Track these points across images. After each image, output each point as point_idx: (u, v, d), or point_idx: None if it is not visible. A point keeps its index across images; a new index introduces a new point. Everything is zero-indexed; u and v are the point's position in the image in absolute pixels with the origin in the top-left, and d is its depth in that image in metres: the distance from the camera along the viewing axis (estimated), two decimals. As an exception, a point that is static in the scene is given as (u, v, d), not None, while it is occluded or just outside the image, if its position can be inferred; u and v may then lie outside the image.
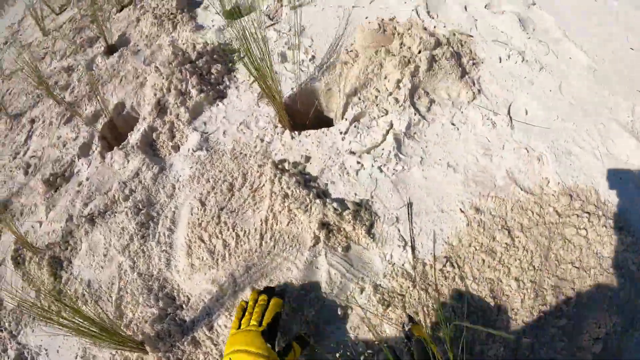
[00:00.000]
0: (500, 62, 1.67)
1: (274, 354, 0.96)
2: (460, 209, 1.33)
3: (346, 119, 1.58)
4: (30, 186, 2.14)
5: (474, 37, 1.76)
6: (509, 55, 1.66)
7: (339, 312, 1.21)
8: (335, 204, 1.33)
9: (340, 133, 1.55)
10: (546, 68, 1.60)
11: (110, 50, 2.73)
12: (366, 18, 1.98)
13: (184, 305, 1.42)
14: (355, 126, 1.54)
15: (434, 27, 1.82)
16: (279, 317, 1.08)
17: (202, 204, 1.54)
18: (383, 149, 1.49)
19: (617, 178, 1.29)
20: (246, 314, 1.08)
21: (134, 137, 1.90)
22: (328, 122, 1.88)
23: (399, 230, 1.34)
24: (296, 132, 1.60)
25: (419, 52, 1.67)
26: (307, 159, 1.52)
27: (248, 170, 1.55)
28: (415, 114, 1.54)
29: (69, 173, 2.04)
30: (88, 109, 2.28)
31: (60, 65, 2.88)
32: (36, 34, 3.40)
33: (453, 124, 1.54)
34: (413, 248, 1.29)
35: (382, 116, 1.57)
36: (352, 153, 1.50)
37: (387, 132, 1.50)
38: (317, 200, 1.33)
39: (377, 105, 1.60)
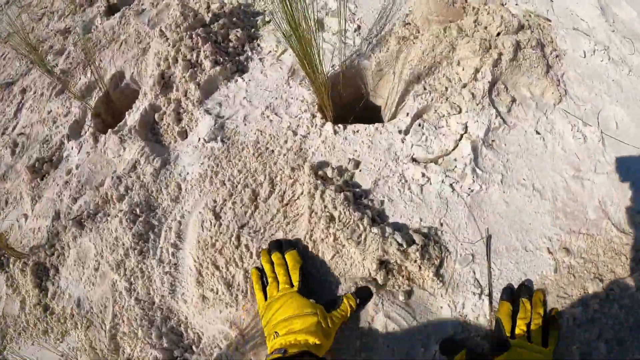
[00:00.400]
0: (584, 57, 1.26)
1: (321, 308, 0.88)
2: (548, 249, 0.99)
3: (407, 114, 1.15)
4: (16, 170, 1.82)
5: (552, 22, 1.30)
6: (593, 49, 1.26)
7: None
8: (398, 236, 0.94)
9: (400, 132, 1.13)
10: (634, 71, 1.21)
11: (111, 9, 2.31)
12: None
13: (193, 347, 1.10)
14: (420, 125, 1.12)
15: (505, 3, 1.34)
16: (304, 268, 0.98)
17: (217, 217, 1.16)
18: (456, 160, 1.08)
19: None
20: (269, 280, 0.97)
21: (133, 117, 1.51)
22: (374, 110, 1.45)
23: (473, 273, 0.97)
24: (340, 126, 1.18)
25: (498, 34, 1.22)
26: (356, 164, 1.12)
27: (277, 174, 1.16)
28: (495, 116, 1.11)
29: (57, 158, 1.69)
30: (82, 80, 1.89)
31: (57, 26, 2.48)
32: (36, -9, 2.97)
33: (538, 132, 1.14)
34: (491, 300, 0.95)
35: (455, 114, 1.14)
36: (415, 161, 1.09)
37: (461, 137, 1.09)
38: (374, 230, 0.94)
39: (447, 99, 1.17)
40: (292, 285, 0.94)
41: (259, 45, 1.53)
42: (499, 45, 1.18)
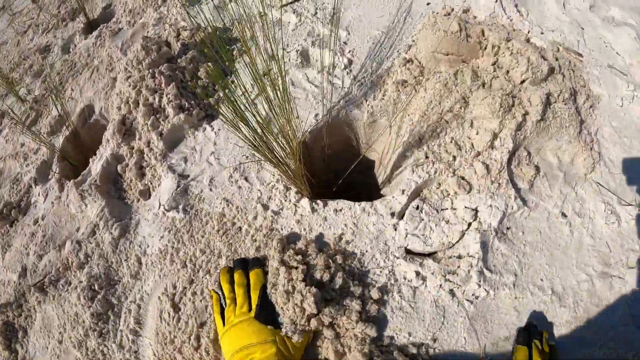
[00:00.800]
0: (621, 105, 1.01)
1: (279, 333, 0.80)
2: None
3: (403, 191, 0.93)
4: (-11, 210, 1.70)
5: (584, 58, 1.03)
6: (632, 95, 0.99)
7: None
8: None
9: (393, 216, 0.93)
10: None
11: (91, 26, 2.12)
12: (428, 4, 1.22)
13: None
14: (418, 208, 0.91)
15: (528, 32, 1.07)
16: (266, 289, 0.87)
17: (175, 308, 1.01)
18: (459, 257, 0.86)
19: None
20: (227, 302, 0.88)
21: (95, 168, 1.35)
22: (367, 166, 1.23)
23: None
24: (319, 203, 0.98)
25: (523, 82, 0.96)
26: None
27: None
28: (514, 197, 0.89)
29: (25, 203, 1.57)
30: (53, 112, 1.73)
31: (39, 42, 2.32)
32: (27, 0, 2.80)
33: (564, 215, 0.92)
34: None
35: (463, 195, 0.91)
36: (410, 254, 0.88)
37: (469, 226, 0.87)
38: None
39: (454, 172, 0.94)
40: (250, 309, 0.84)
41: (232, 82, 1.32)
42: (524, 100, 0.93)
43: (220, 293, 0.91)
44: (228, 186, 1.09)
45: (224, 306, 0.89)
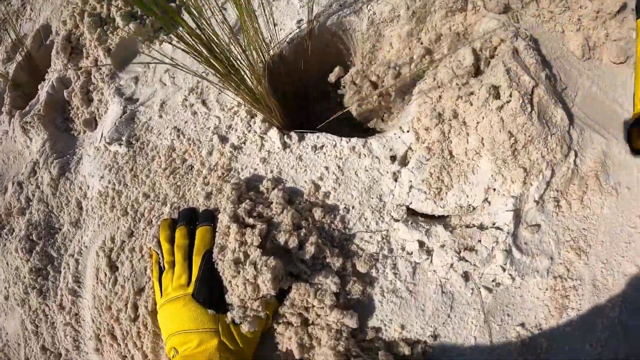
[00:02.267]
0: None
1: (224, 319, 0.59)
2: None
3: (410, 123, 0.62)
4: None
5: None
6: None
7: None
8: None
9: (393, 161, 0.63)
10: None
11: None
12: None
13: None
14: (430, 150, 0.60)
15: None
16: (211, 254, 0.64)
17: (112, 268, 0.79)
18: (482, 227, 0.57)
19: None
20: (166, 266, 0.68)
21: (41, 95, 1.10)
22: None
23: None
24: (293, 135, 0.69)
25: None
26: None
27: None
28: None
29: (-20, 140, 1.36)
30: (11, 33, 1.48)
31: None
32: None
33: None
34: None
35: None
36: (413, 215, 0.60)
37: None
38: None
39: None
40: (189, 283, 0.64)
41: (198, -20, 1.00)
42: None
43: (159, 252, 0.70)
44: (181, 112, 0.82)
45: (163, 270, 0.69)
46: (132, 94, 0.92)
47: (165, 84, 0.88)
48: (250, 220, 0.60)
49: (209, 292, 0.61)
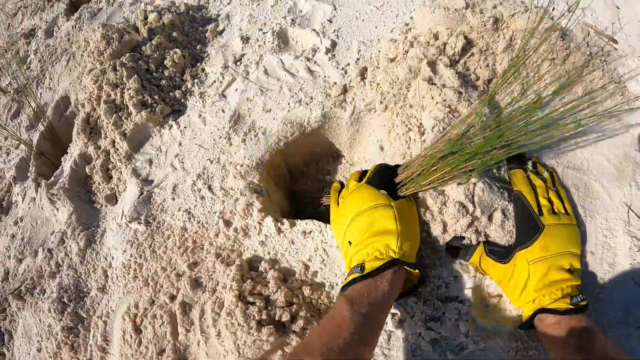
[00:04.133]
0: None
1: (395, 201, 0.70)
2: None
3: None
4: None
5: (618, 45, 0.80)
6: None
7: None
8: None
9: None
10: None
11: (74, 6, 1.99)
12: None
13: None
14: None
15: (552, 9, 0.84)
16: (389, 172, 0.77)
17: (137, 331, 0.94)
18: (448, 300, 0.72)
19: None
20: (334, 185, 0.83)
21: (65, 169, 1.26)
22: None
23: None
24: (285, 223, 0.84)
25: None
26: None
27: (206, 285, 0.87)
28: None
29: (7, 202, 1.52)
30: (33, 102, 1.64)
31: (26, 25, 2.21)
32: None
33: None
34: None
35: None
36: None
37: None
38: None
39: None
40: (360, 180, 0.77)
41: (203, 70, 1.17)
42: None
43: (340, 184, 0.85)
44: (190, 196, 0.98)
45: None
46: (147, 176, 1.07)
47: (176, 168, 1.03)
48: (251, 299, 0.75)
49: (380, 180, 0.73)
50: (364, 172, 0.80)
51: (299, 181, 1.05)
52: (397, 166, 0.79)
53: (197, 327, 0.84)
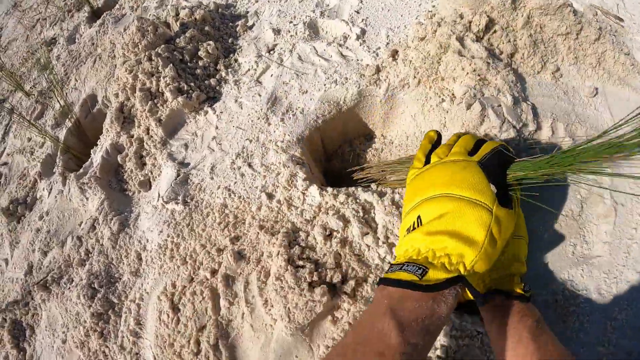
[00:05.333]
0: None
1: (501, 208, 0.53)
2: None
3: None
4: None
5: (624, 23, 0.85)
6: None
7: None
8: None
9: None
10: None
11: (95, 15, 2.07)
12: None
13: None
14: None
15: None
16: (505, 158, 0.59)
17: (175, 309, 0.92)
18: None
19: None
20: (441, 146, 0.65)
21: (95, 159, 1.27)
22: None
23: None
24: (328, 190, 0.85)
25: None
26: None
27: (249, 257, 0.87)
28: None
29: (31, 199, 1.52)
30: (57, 105, 1.67)
31: (47, 35, 2.30)
32: (37, -6, 2.80)
33: None
34: None
35: None
36: None
37: None
38: None
39: None
40: (472, 155, 0.59)
41: (236, 61, 1.20)
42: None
43: (436, 134, 0.70)
44: (230, 174, 0.99)
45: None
46: (183, 159, 1.09)
47: (214, 150, 1.05)
48: (301, 262, 0.75)
49: (493, 176, 0.54)
50: (478, 143, 0.62)
51: (332, 160, 1.07)
52: (514, 158, 0.61)
53: (241, 299, 0.83)
